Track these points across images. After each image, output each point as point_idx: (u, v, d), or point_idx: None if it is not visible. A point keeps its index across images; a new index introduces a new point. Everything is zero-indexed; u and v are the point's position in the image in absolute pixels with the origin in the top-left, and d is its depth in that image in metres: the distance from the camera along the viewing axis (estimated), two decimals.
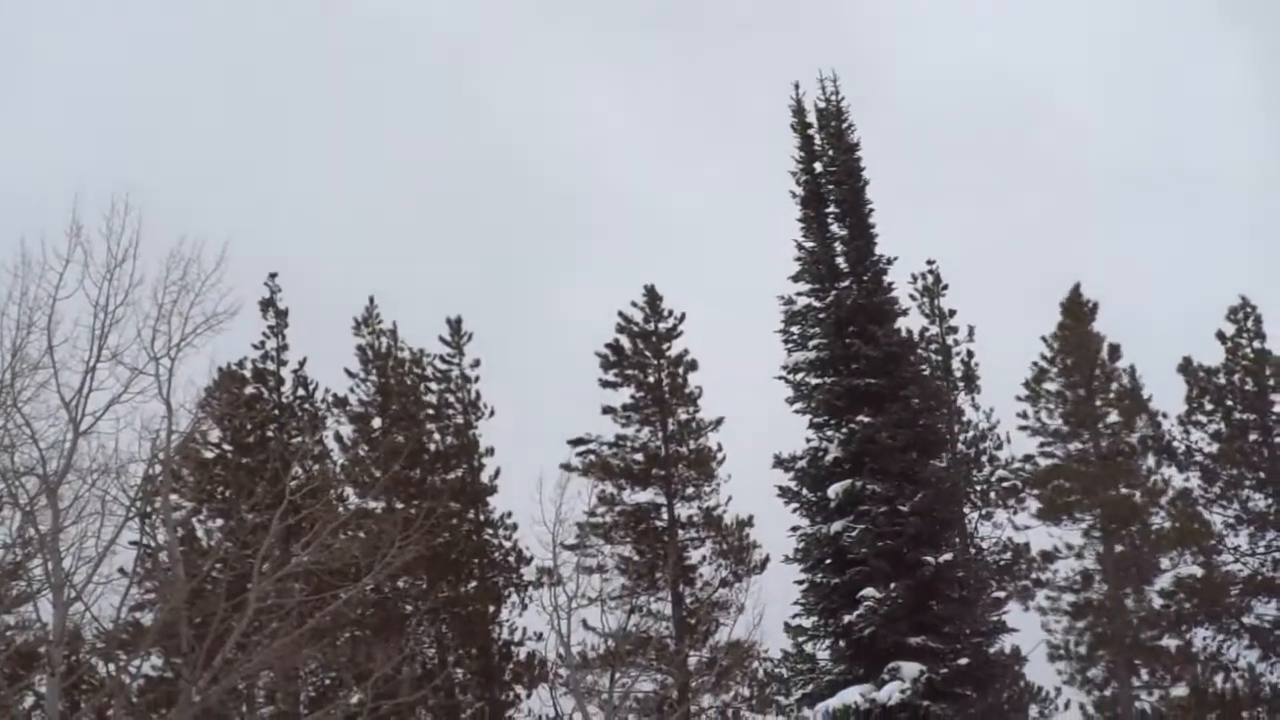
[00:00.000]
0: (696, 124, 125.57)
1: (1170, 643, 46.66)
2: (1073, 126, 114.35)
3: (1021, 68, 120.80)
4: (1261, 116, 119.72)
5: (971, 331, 49.58)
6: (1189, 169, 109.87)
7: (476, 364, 50.66)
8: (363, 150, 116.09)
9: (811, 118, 41.19)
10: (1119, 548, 47.03)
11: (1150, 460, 48.41)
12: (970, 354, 49.49)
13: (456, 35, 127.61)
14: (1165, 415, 48.64)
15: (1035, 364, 49.21)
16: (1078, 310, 49.48)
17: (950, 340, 49.30)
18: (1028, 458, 48.49)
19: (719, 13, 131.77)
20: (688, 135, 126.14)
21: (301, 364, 49.63)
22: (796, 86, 41.23)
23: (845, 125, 40.88)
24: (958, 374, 49.26)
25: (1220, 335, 48.20)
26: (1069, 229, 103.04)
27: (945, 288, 49.46)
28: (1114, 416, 48.61)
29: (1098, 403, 48.73)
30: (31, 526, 35.79)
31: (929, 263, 49.22)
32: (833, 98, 41.09)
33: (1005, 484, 48.17)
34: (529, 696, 48.23)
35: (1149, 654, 46.62)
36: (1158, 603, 46.91)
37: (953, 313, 49.54)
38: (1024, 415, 49.04)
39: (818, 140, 40.82)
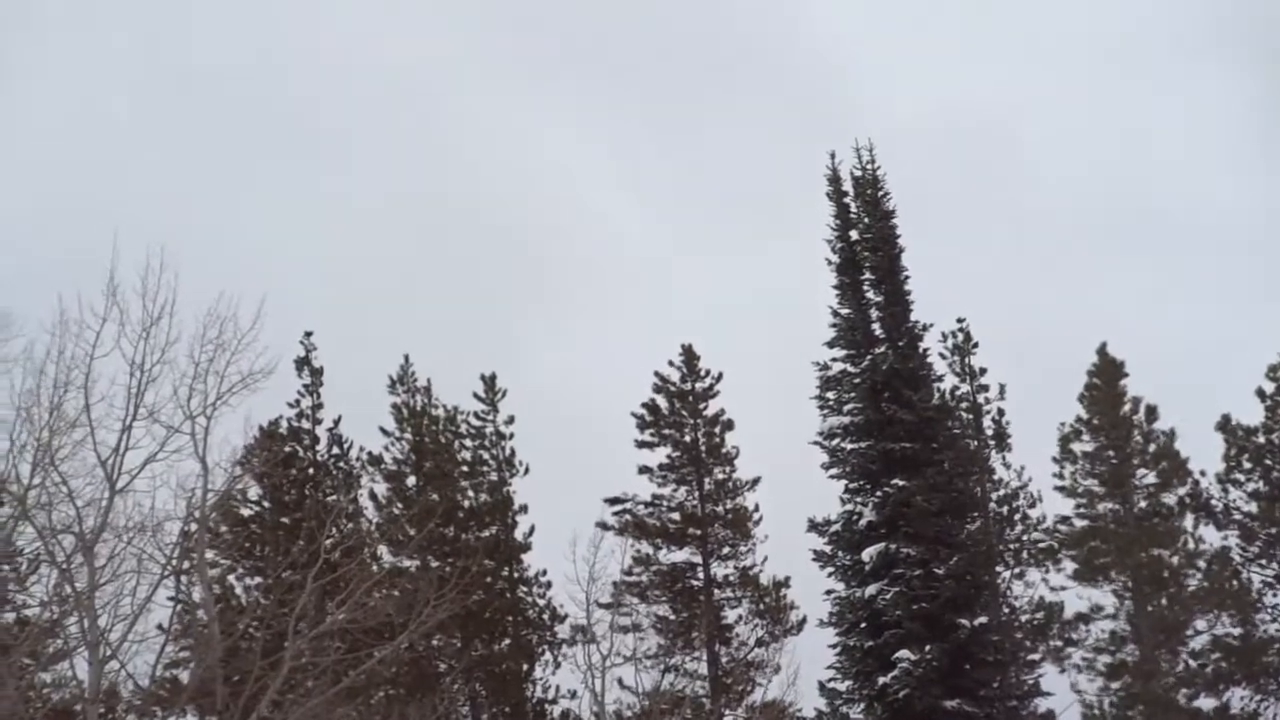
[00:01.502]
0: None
1: (1207, 703, 46.62)
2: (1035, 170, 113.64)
3: (987, 109, 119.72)
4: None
5: (1002, 390, 50.03)
6: (1156, 210, 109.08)
7: (510, 420, 51.07)
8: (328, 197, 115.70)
9: (846, 185, 41.58)
10: (1151, 607, 46.94)
11: (1188, 520, 48.29)
12: (1001, 412, 49.76)
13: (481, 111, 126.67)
14: (1203, 473, 48.63)
15: (1064, 425, 49.25)
16: (1107, 370, 49.55)
17: (981, 399, 49.40)
18: (1063, 519, 48.68)
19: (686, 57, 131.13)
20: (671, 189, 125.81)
21: (336, 422, 49.94)
22: (833, 156, 41.86)
23: (881, 194, 41.21)
24: (989, 432, 49.39)
25: (1260, 393, 48.27)
26: (1030, 274, 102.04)
27: (975, 346, 49.84)
28: (1151, 477, 48.55)
29: (1135, 463, 48.69)
30: (68, 584, 36.02)
31: (959, 320, 49.80)
32: (868, 166, 41.51)
33: (1041, 545, 48.27)
34: None
35: (1185, 715, 46.52)
36: (1192, 663, 46.81)
37: (983, 370, 49.91)
38: (1059, 475, 49.15)
39: (853, 208, 41.13)
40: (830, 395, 40.77)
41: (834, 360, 40.88)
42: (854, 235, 41.21)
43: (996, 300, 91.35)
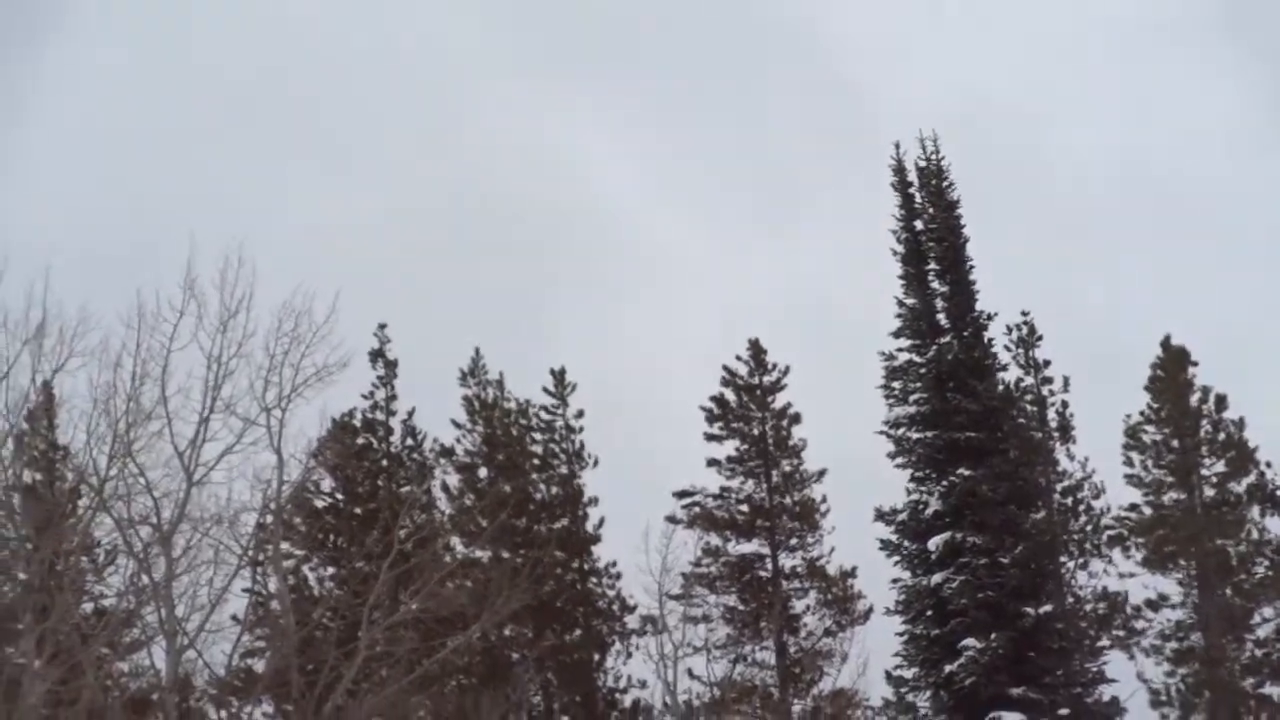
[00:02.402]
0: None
1: (1274, 690, 46.47)
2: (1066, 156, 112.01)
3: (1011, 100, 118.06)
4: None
5: (1066, 382, 49.93)
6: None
7: (580, 414, 51.22)
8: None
9: (911, 176, 41.61)
10: (1217, 595, 46.82)
11: (1255, 510, 48.13)
12: (1065, 404, 49.63)
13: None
14: (1269, 464, 48.44)
15: (1129, 415, 49.11)
16: (1172, 360, 49.39)
17: (1045, 391, 49.29)
18: (1132, 506, 48.47)
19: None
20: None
21: (410, 414, 50.19)
22: (897, 146, 41.96)
23: (946, 184, 41.19)
24: (1053, 424, 49.28)
25: None
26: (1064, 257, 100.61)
27: (1040, 339, 49.62)
28: (1219, 466, 48.40)
29: (1203, 452, 48.55)
30: (145, 574, 36.21)
31: (1024, 313, 49.71)
32: (933, 157, 41.52)
33: (1111, 531, 48.17)
34: None
35: (1252, 700, 46.46)
36: (1258, 651, 46.71)
37: (1047, 363, 49.77)
38: (1128, 463, 48.93)
39: (918, 199, 41.14)
40: (896, 385, 40.82)
41: (899, 350, 40.97)
42: (919, 225, 41.18)
43: (1036, 291, 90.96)
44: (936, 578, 39.15)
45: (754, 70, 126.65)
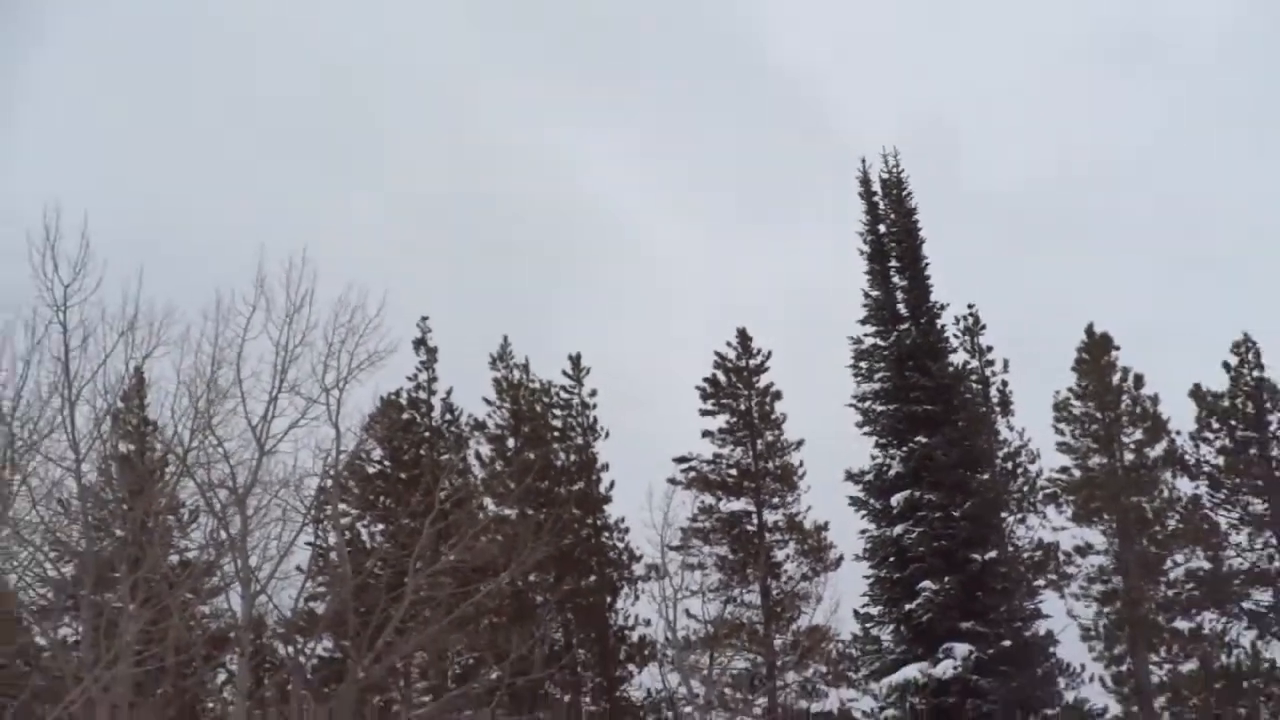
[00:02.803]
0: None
1: (1183, 625, 46.31)
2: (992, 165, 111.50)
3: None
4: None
5: (1006, 364, 49.52)
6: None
7: (593, 393, 50.83)
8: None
9: (876, 186, 41.53)
10: (1136, 545, 46.73)
11: (1167, 472, 48.05)
12: (1005, 383, 49.36)
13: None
14: (1179, 433, 48.36)
15: (1060, 392, 48.99)
16: (1096, 345, 49.23)
17: (988, 371, 49.08)
18: (1063, 469, 48.33)
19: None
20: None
21: (448, 393, 49.89)
22: (863, 162, 41.88)
23: (904, 193, 41.13)
24: (995, 399, 49.07)
25: (1225, 365, 47.91)
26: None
27: (983, 327, 49.32)
28: (1137, 435, 48.33)
29: (1124, 423, 48.40)
30: (223, 530, 36.37)
31: (969, 306, 49.06)
32: (893, 170, 41.39)
33: (1045, 491, 48.04)
34: (640, 673, 48.30)
35: (1164, 634, 46.31)
36: (1170, 592, 46.58)
37: (990, 348, 49.32)
38: (1060, 432, 48.84)
39: (881, 206, 41.03)
40: (863, 365, 40.94)
41: (866, 335, 41.07)
42: (882, 229, 41.08)
43: (980, 284, 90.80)
44: (897, 529, 39.09)
45: (736, 88, 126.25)
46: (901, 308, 40.55)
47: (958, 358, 45.69)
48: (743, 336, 50.18)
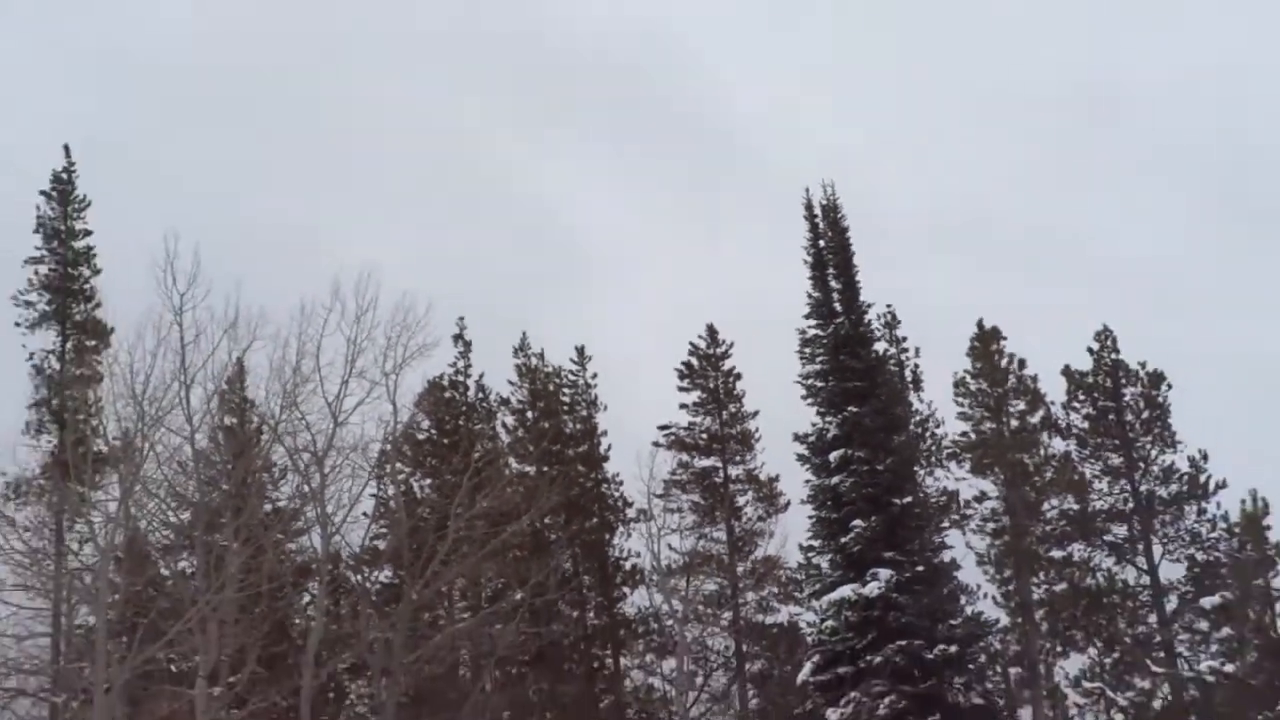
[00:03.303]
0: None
1: (1056, 554, 46.43)
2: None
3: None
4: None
5: (917, 350, 49.95)
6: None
7: (594, 376, 50.94)
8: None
9: (817, 209, 41.56)
10: (1019, 492, 46.89)
11: (1044, 435, 48.21)
12: (917, 366, 49.77)
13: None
14: (1053, 403, 48.42)
15: (958, 373, 49.02)
16: (986, 335, 49.30)
17: (904, 356, 49.41)
18: (963, 434, 48.34)
19: None
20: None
21: (480, 377, 50.29)
22: (807, 191, 41.59)
23: (839, 215, 41.22)
24: (909, 378, 49.29)
25: (1089, 350, 47.83)
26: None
27: (899, 322, 49.77)
28: (1021, 406, 48.43)
29: (1011, 397, 48.47)
30: (306, 485, 36.55)
31: (888, 306, 49.55)
32: (831, 197, 41.50)
33: (948, 450, 48.24)
34: (632, 594, 48.64)
35: (1042, 562, 46.51)
36: (1047, 529, 46.76)
37: (904, 338, 49.77)
38: (959, 404, 48.75)
39: (821, 225, 41.17)
40: (807, 350, 40.86)
41: (809, 327, 40.96)
42: (821, 243, 41.23)
43: (898, 287, 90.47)
44: (834, 480, 39.08)
45: (697, 125, 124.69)
46: (837, 306, 40.50)
47: (880, 346, 45.74)
48: (711, 330, 50.56)
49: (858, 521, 38.17)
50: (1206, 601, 43.82)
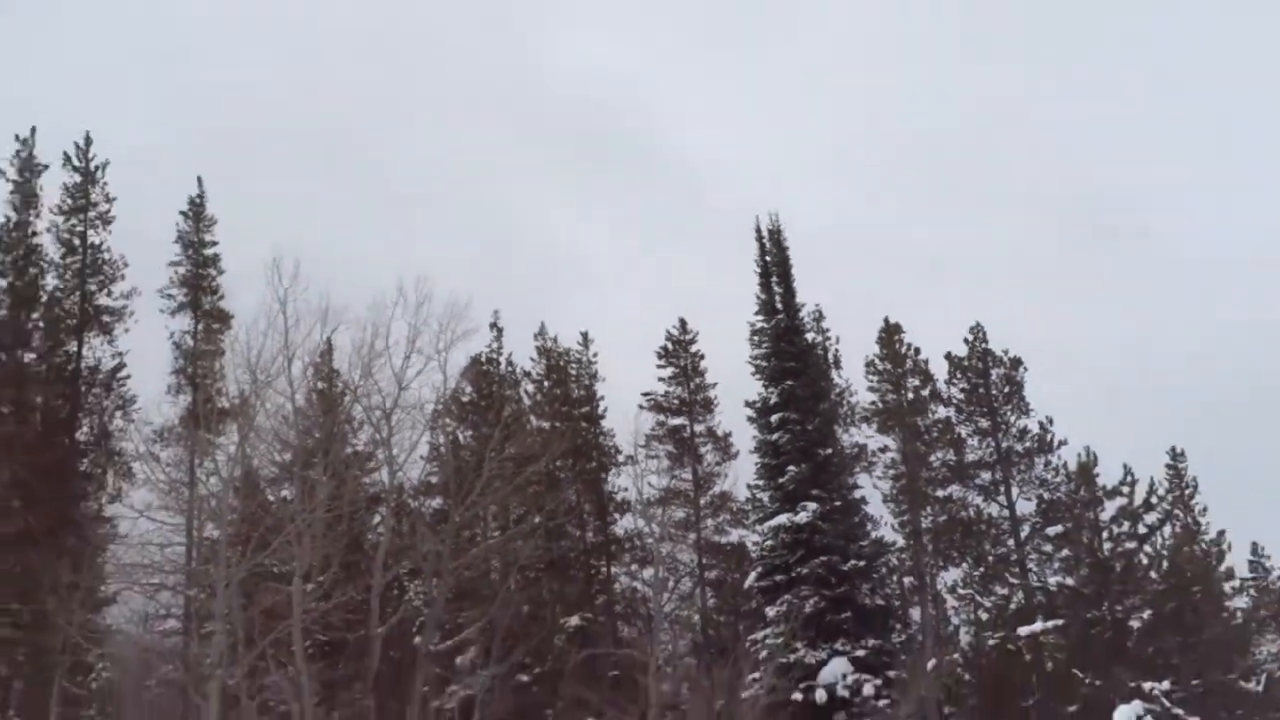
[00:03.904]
0: None
1: (940, 494, 46.41)
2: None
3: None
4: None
5: (838, 340, 49.96)
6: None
7: (595, 355, 50.52)
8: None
9: (764, 233, 41.64)
10: (915, 445, 46.96)
11: (932, 404, 48.20)
12: (838, 351, 49.86)
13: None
14: (939, 379, 48.51)
15: (868, 356, 48.93)
16: (891, 329, 49.23)
17: (827, 343, 49.36)
18: (872, 402, 48.23)
19: None
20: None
21: (510, 355, 50.18)
22: (757, 219, 41.71)
23: (782, 238, 41.33)
24: (831, 359, 49.31)
25: (965, 340, 47.97)
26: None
27: (825, 317, 49.53)
28: (915, 382, 48.34)
29: (907, 375, 48.36)
30: (377, 434, 36.32)
31: (817, 305, 49.20)
32: (776, 224, 41.76)
33: (861, 415, 48.25)
34: (621, 519, 48.21)
35: (928, 499, 46.58)
36: (933, 474, 46.79)
37: (828, 329, 49.68)
38: (869, 379, 48.61)
39: (767, 245, 41.25)
40: (755, 338, 41.05)
41: (757, 322, 41.09)
42: (768, 259, 41.29)
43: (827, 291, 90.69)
44: (774, 436, 39.41)
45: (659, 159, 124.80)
46: (778, 305, 40.73)
47: (810, 336, 45.86)
48: (682, 322, 50.38)
49: (792, 467, 38.45)
50: (1050, 530, 44.17)
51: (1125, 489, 43.31)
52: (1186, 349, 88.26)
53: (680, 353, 49.99)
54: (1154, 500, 44.14)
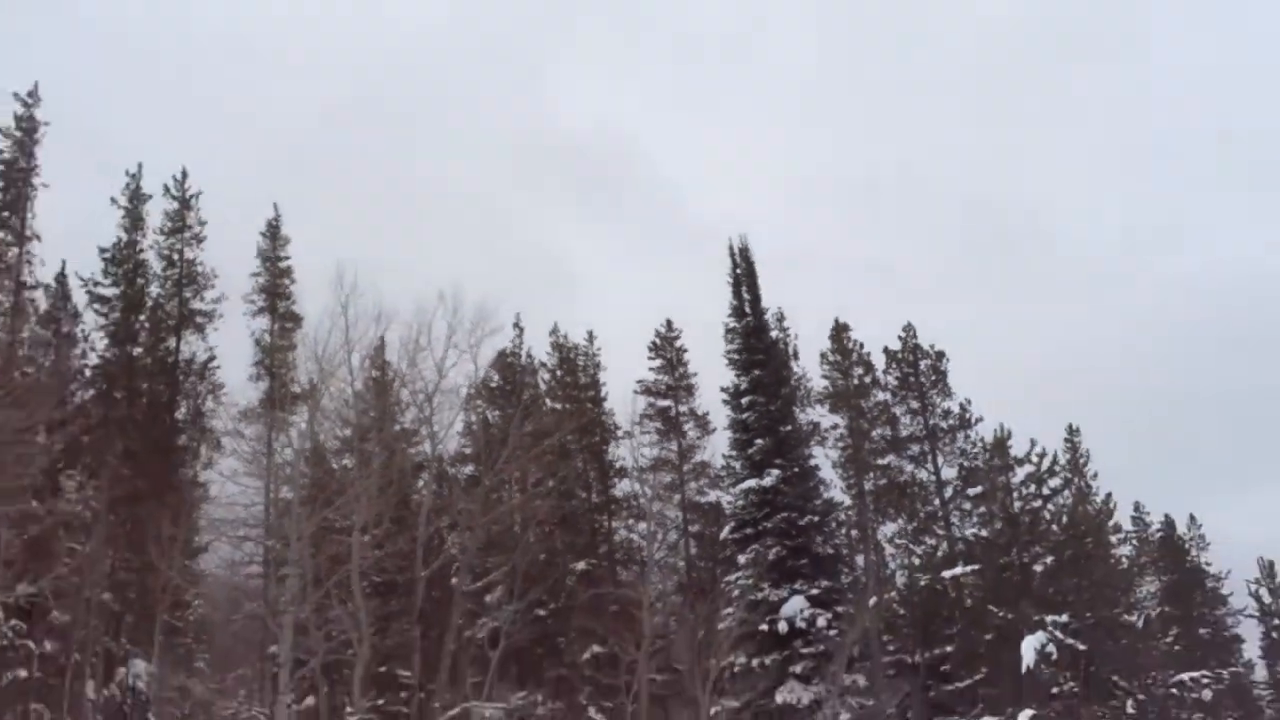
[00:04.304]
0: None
1: (881, 462, 46.06)
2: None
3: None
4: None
5: (797, 336, 50.02)
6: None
7: (599, 349, 50.36)
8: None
9: (736, 252, 41.61)
10: (859, 421, 46.73)
11: (875, 390, 47.79)
12: (796, 347, 49.90)
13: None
14: (880, 369, 48.13)
15: (823, 349, 49.04)
16: (840, 327, 49.32)
17: (787, 339, 49.32)
18: (825, 389, 48.28)
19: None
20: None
21: (530, 350, 50.25)
22: (730, 240, 41.81)
23: (751, 258, 41.34)
24: (790, 353, 49.26)
25: (900, 339, 47.68)
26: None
27: (785, 319, 49.61)
28: (859, 370, 47.83)
29: (854, 365, 48.19)
30: (421, 413, 36.29)
31: (779, 308, 49.28)
32: (746, 244, 41.74)
33: (817, 397, 48.33)
34: (619, 483, 48.21)
35: (870, 466, 46.46)
36: (875, 445, 46.76)
37: (788, 328, 49.73)
38: (823, 369, 48.66)
39: (738, 260, 41.29)
40: (728, 335, 41.10)
41: (730, 324, 41.12)
42: (739, 272, 41.32)
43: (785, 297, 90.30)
44: (744, 415, 39.40)
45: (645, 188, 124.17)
46: (747, 309, 40.70)
47: (774, 333, 46.03)
48: (669, 324, 50.34)
49: (759, 440, 38.52)
50: (970, 491, 44.44)
51: (1032, 458, 43.79)
52: (1079, 338, 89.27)
53: (667, 347, 50.04)
54: (1055, 468, 44.67)
